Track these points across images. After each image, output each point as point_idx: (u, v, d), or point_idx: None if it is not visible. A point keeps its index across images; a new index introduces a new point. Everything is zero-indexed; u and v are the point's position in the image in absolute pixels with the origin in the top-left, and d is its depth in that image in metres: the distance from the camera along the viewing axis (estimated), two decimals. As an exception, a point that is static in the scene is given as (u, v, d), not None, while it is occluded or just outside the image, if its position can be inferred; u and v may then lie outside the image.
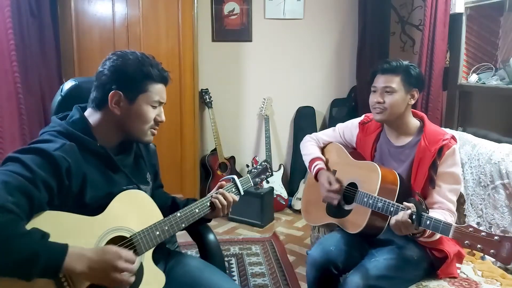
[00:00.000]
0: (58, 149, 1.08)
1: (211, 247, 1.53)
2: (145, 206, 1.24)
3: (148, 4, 3.03)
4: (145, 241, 1.18)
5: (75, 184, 1.10)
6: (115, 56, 1.20)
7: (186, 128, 3.23)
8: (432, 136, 1.58)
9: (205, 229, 1.56)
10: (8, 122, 2.37)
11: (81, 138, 1.16)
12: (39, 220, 1.02)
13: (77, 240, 1.05)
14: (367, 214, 1.55)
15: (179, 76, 3.13)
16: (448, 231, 1.26)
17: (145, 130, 1.24)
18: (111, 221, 1.14)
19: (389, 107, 1.60)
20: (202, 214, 1.35)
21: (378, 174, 1.57)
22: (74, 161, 1.10)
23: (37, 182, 1.01)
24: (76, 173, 1.10)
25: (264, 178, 1.64)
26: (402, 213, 1.37)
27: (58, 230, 1.02)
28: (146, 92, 1.20)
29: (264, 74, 3.80)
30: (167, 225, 1.24)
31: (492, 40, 2.71)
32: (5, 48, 2.34)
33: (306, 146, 1.94)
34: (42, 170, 1.03)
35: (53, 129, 1.16)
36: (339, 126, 1.92)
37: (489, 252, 1.17)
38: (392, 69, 1.61)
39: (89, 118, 1.22)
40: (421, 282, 1.56)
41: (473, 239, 1.20)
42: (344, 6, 3.80)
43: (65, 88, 1.49)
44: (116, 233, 1.14)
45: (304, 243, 3.04)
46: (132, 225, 1.18)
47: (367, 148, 1.76)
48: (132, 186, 1.26)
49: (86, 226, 1.10)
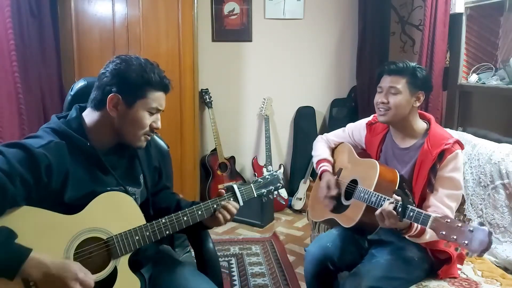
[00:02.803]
0: (42, 146, 1.10)
1: (208, 256, 1.50)
2: (127, 209, 1.22)
3: (148, 4, 3.03)
4: (121, 245, 1.16)
5: (56, 182, 1.10)
6: (119, 60, 1.21)
7: (186, 128, 3.23)
8: (435, 139, 1.57)
9: (204, 236, 1.53)
10: (8, 122, 2.37)
11: (72, 136, 1.16)
12: (14, 215, 1.03)
13: (50, 237, 1.06)
14: (362, 209, 1.56)
15: (179, 76, 3.12)
16: (427, 222, 1.27)
17: (139, 135, 1.24)
18: (88, 221, 1.13)
19: (393, 108, 1.59)
20: (190, 223, 1.29)
21: (376, 171, 1.58)
22: (56, 159, 1.10)
23: (13, 176, 1.02)
24: (58, 170, 1.11)
25: (272, 190, 1.45)
26: (386, 203, 1.38)
27: (31, 226, 1.03)
28: (145, 98, 1.20)
29: (264, 74, 3.80)
30: (149, 230, 1.21)
31: (492, 40, 2.71)
32: (5, 48, 2.34)
33: (316, 147, 1.96)
34: (20, 165, 1.04)
35: (48, 126, 1.18)
36: (349, 126, 1.92)
37: (463, 242, 1.16)
38: (399, 71, 1.60)
39: (86, 118, 1.23)
40: (421, 282, 1.56)
41: (448, 230, 1.21)
42: (344, 6, 3.80)
43: (75, 88, 1.50)
44: (92, 234, 1.13)
45: (304, 243, 3.04)
46: (111, 227, 1.16)
47: (374, 149, 1.76)
48: (118, 188, 1.24)
49: (61, 224, 1.10)
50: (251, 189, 1.42)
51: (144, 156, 1.38)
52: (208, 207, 1.33)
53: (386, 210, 1.36)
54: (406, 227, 1.42)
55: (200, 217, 1.31)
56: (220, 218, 1.33)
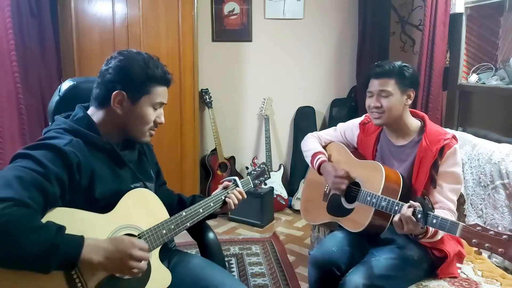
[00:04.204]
0: (67, 144, 1.10)
1: (211, 245, 1.54)
2: (152, 205, 1.27)
3: (148, 4, 3.03)
4: (152, 239, 1.20)
5: (85, 179, 1.12)
6: (121, 56, 1.21)
7: (186, 128, 3.23)
8: (433, 135, 1.58)
9: (205, 227, 1.57)
10: (8, 122, 2.37)
11: (86, 134, 1.17)
12: (52, 217, 1.03)
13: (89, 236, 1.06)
14: (370, 213, 1.55)
15: (179, 76, 3.12)
16: (456, 230, 1.25)
17: (145, 131, 1.26)
18: (120, 218, 1.16)
19: (387, 111, 1.60)
20: (206, 214, 1.38)
21: (382, 174, 1.57)
22: (83, 156, 1.11)
23: (50, 176, 1.02)
24: (86, 168, 1.12)
25: (262, 181, 1.68)
26: (404, 208, 1.37)
27: (70, 227, 1.03)
28: (150, 94, 1.21)
29: (264, 74, 3.80)
30: (173, 224, 1.27)
31: (492, 40, 2.71)
32: (5, 48, 2.34)
33: (307, 143, 1.94)
34: (54, 165, 1.04)
35: (58, 127, 1.17)
36: (340, 125, 1.92)
37: (498, 251, 1.16)
38: (386, 73, 1.60)
39: (92, 116, 1.23)
40: (421, 282, 1.56)
41: (481, 238, 1.19)
42: (344, 6, 3.80)
43: (63, 88, 1.48)
44: (125, 231, 1.16)
45: (304, 243, 3.04)
46: (140, 223, 1.20)
47: (368, 149, 1.76)
48: (139, 184, 1.28)
49: (97, 223, 1.11)
50: (248, 180, 1.60)
51: (148, 152, 1.42)
52: (218, 198, 1.44)
53: (405, 215, 1.35)
54: (423, 232, 1.41)
55: (213, 208, 1.41)
56: (230, 202, 1.44)
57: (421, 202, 1.34)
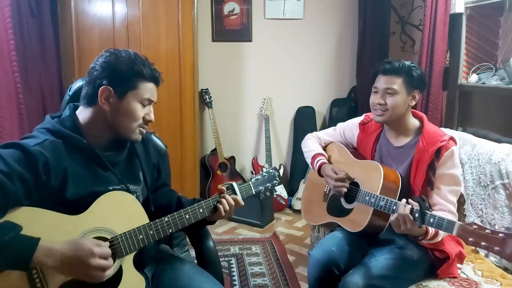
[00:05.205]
0: (37, 144, 1.09)
1: (209, 254, 1.50)
2: (130, 208, 1.22)
3: (148, 4, 3.02)
4: (126, 244, 1.16)
5: (54, 180, 1.10)
6: (108, 53, 1.21)
7: (186, 128, 3.23)
8: (430, 137, 1.57)
9: (204, 234, 1.53)
10: (8, 122, 2.37)
11: (67, 135, 1.16)
12: (15, 215, 1.02)
13: (54, 237, 1.04)
14: (369, 213, 1.55)
15: (179, 76, 3.12)
16: (452, 229, 1.26)
17: (133, 128, 1.23)
18: (92, 221, 1.13)
19: (391, 109, 1.59)
20: (193, 221, 1.29)
21: (380, 173, 1.57)
22: (53, 157, 1.10)
23: (12, 176, 1.02)
24: (56, 168, 1.10)
25: (269, 188, 1.49)
26: (401, 207, 1.37)
27: (33, 227, 1.02)
28: (136, 89, 1.20)
29: (264, 74, 3.80)
30: (153, 229, 1.21)
31: (492, 40, 2.71)
32: (5, 48, 2.34)
33: (308, 144, 1.94)
34: (18, 165, 1.04)
35: (42, 126, 1.18)
36: (340, 125, 1.92)
37: (494, 249, 1.16)
38: (394, 70, 1.59)
39: (79, 116, 1.23)
40: (421, 282, 1.56)
41: (477, 237, 1.20)
42: (344, 6, 3.80)
43: (73, 88, 1.49)
44: (96, 234, 1.13)
45: (304, 243, 3.04)
46: (115, 227, 1.16)
47: (368, 149, 1.76)
48: (119, 187, 1.24)
49: (64, 224, 1.09)
50: (249, 186, 1.45)
51: (143, 153, 1.38)
52: (208, 204, 1.34)
53: (402, 214, 1.35)
54: (422, 233, 1.41)
55: (201, 214, 1.31)
56: (220, 208, 1.33)
57: (418, 202, 1.34)
